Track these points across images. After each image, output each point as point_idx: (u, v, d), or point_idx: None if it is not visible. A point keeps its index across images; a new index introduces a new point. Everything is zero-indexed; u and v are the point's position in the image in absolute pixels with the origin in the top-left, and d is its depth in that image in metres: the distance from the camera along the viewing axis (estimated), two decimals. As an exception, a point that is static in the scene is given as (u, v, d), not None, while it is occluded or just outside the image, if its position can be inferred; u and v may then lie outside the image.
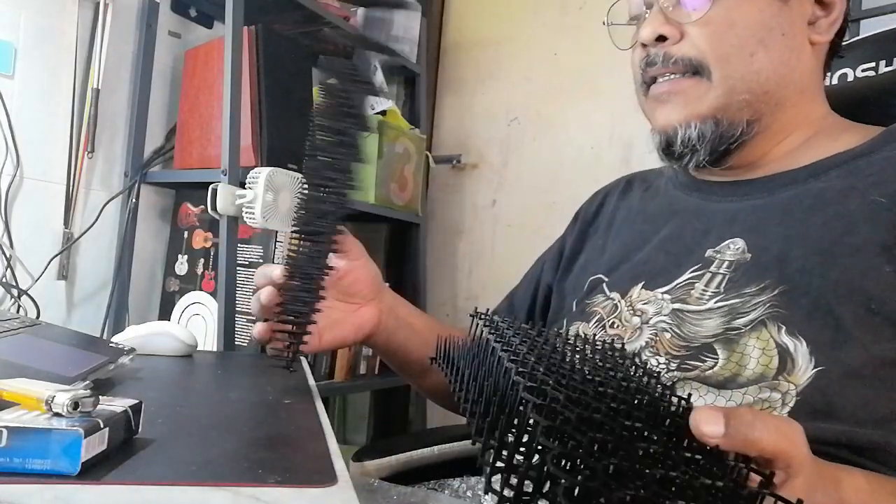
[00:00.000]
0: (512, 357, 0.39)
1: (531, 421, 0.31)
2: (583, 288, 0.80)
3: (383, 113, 1.80)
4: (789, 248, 0.64)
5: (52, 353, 0.71)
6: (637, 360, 0.48)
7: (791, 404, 0.57)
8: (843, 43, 0.77)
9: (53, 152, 1.45)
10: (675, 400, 0.40)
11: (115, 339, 1.00)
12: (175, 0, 1.67)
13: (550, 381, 0.34)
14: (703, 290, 0.66)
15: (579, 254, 0.87)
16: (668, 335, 0.65)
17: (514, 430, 0.33)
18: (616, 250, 0.80)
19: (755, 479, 0.35)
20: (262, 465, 0.42)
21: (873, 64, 0.84)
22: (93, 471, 0.38)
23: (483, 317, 0.53)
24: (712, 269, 0.67)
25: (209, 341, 1.48)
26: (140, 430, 0.45)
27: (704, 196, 0.76)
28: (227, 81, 1.44)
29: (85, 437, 0.38)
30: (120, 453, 0.42)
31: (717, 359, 0.61)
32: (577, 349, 0.48)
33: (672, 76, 0.71)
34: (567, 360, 0.43)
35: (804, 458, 0.38)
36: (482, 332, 0.50)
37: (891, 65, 0.83)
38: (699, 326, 0.64)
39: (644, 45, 0.73)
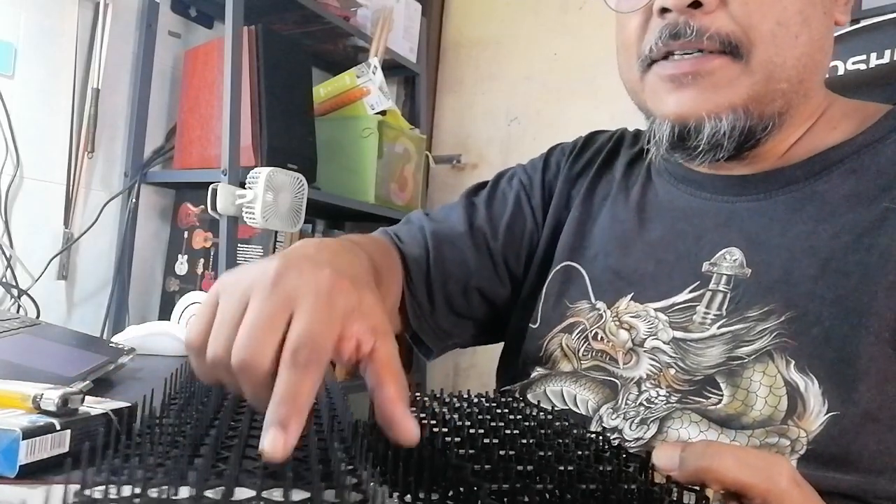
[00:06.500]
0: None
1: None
2: (559, 268, 0.73)
3: (383, 113, 1.80)
4: (793, 265, 0.58)
5: (52, 353, 0.71)
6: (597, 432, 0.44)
7: (801, 452, 0.53)
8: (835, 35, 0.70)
9: (53, 152, 1.45)
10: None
11: (115, 339, 1.00)
12: (175, 0, 1.67)
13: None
14: (705, 314, 0.61)
15: (562, 222, 0.77)
16: (672, 371, 0.60)
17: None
18: (596, 240, 0.72)
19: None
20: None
21: (864, 56, 0.81)
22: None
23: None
24: (711, 286, 0.61)
25: (209, 341, 1.48)
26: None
27: (693, 191, 0.68)
28: (227, 81, 1.44)
29: (25, 438, 0.35)
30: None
31: (722, 395, 0.57)
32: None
33: (696, 53, 0.59)
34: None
35: (783, 492, 0.35)
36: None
37: (882, 57, 0.80)
38: (701, 356, 0.59)
39: (665, 11, 0.59)
